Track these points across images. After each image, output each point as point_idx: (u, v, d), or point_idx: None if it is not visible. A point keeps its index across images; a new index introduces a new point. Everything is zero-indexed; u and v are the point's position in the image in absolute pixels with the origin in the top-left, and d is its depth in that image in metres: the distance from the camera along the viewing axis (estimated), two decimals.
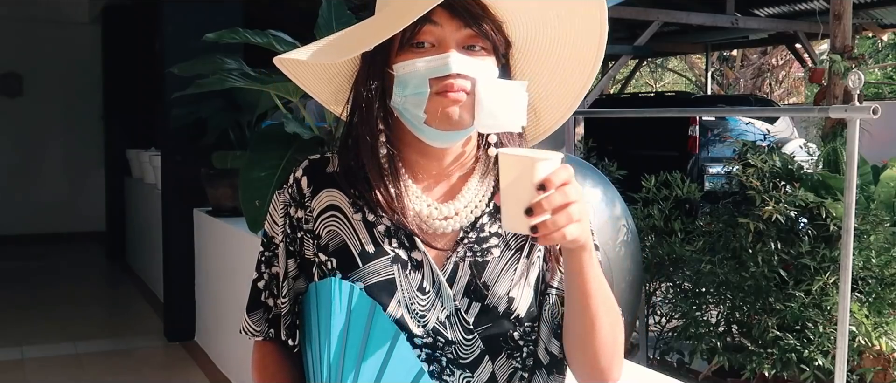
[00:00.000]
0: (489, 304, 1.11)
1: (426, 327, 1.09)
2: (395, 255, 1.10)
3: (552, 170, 0.96)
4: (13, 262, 7.52)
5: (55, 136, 8.87)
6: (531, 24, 1.12)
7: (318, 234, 1.14)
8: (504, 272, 1.12)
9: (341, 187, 1.14)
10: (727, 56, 17.32)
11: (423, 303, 1.09)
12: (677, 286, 4.17)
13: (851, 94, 2.39)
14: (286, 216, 1.17)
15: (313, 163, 1.19)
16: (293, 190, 1.17)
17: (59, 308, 5.84)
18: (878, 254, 3.52)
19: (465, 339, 1.10)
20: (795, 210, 3.60)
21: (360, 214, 1.12)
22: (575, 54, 1.14)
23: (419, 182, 1.14)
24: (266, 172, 2.89)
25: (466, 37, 1.07)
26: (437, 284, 1.10)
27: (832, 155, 3.87)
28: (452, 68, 1.04)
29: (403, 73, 1.07)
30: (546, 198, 0.95)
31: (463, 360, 1.10)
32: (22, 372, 4.37)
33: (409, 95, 1.07)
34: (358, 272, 1.09)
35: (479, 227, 1.13)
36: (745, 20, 9.55)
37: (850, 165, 2.41)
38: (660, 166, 4.87)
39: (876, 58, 15.12)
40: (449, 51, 1.05)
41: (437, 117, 1.06)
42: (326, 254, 1.12)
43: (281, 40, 2.93)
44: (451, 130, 1.07)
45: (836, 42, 4.09)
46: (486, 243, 1.13)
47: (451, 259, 1.11)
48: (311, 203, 1.15)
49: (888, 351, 3.42)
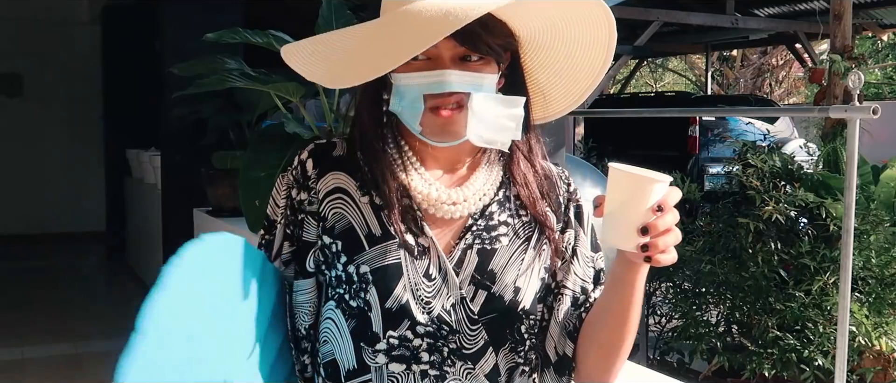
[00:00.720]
0: (495, 293, 1.10)
1: (430, 314, 1.08)
2: (403, 240, 1.09)
3: (666, 191, 0.97)
4: (13, 262, 7.52)
5: (55, 136, 8.86)
6: (537, 27, 1.11)
7: (323, 216, 1.13)
8: (512, 261, 1.12)
9: (348, 170, 1.13)
10: (727, 56, 17.32)
11: (429, 290, 1.09)
12: (677, 286, 4.16)
13: (851, 94, 2.39)
14: (288, 198, 1.16)
15: (319, 146, 1.18)
16: (297, 172, 1.16)
17: (59, 308, 5.84)
18: (878, 254, 3.52)
19: (470, 329, 1.10)
20: (795, 210, 3.60)
21: (367, 197, 1.12)
22: (584, 51, 1.13)
23: (428, 167, 1.13)
24: (266, 172, 2.89)
25: (461, 51, 1.05)
26: (443, 271, 1.09)
27: (832, 155, 3.87)
28: (447, 87, 1.03)
29: (399, 85, 1.07)
30: (662, 220, 0.96)
31: (466, 351, 1.10)
32: (22, 372, 4.36)
33: (404, 107, 1.07)
34: (364, 254, 1.09)
35: (487, 215, 1.13)
36: (745, 20, 9.56)
37: (850, 165, 2.41)
38: (660, 166, 4.85)
39: (876, 58, 15.12)
40: (444, 67, 1.04)
41: (432, 131, 1.07)
42: (332, 236, 1.11)
43: (281, 40, 2.93)
44: (446, 142, 1.08)
45: (836, 42, 4.09)
46: (495, 231, 1.12)
47: (459, 246, 1.11)
48: (317, 185, 1.14)
49: (888, 351, 3.41)
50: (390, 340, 1.09)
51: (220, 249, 1.06)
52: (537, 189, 1.16)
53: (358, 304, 1.10)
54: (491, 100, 1.04)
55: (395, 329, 1.08)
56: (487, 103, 1.03)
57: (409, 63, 1.04)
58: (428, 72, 1.04)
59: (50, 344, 4.82)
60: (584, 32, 1.11)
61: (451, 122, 1.05)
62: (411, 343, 1.08)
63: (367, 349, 1.09)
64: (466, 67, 1.05)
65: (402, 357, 1.09)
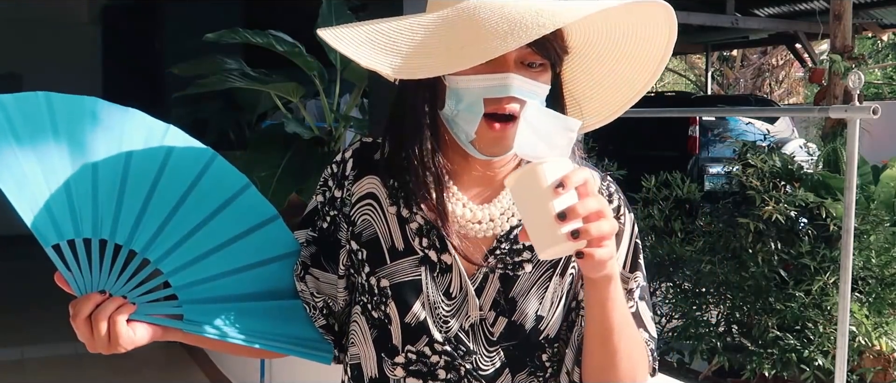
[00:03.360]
0: (516, 321, 1.07)
1: (448, 333, 1.06)
2: (424, 256, 1.06)
3: (565, 171, 0.89)
4: (13, 262, 7.52)
5: None
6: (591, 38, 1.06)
7: (353, 221, 1.11)
8: (534, 289, 1.08)
9: (383, 176, 1.10)
10: (727, 56, 17.32)
11: (447, 309, 1.07)
12: (677, 286, 4.16)
13: (851, 94, 2.39)
14: (326, 189, 1.14)
15: (364, 146, 1.14)
16: (338, 168, 1.13)
17: (59, 308, 5.80)
18: (878, 254, 3.51)
19: (487, 351, 1.07)
20: (795, 210, 3.60)
21: (394, 207, 1.09)
22: (632, 63, 1.07)
23: (461, 182, 1.09)
24: (266, 172, 2.89)
25: (526, 53, 1.00)
26: (464, 291, 1.07)
27: (832, 155, 3.87)
28: (509, 90, 0.98)
29: (458, 87, 1.00)
30: (582, 204, 0.87)
31: (482, 372, 1.07)
32: (22, 372, 4.36)
33: (462, 110, 1.01)
34: (385, 268, 1.07)
35: (512, 238, 1.08)
36: (745, 20, 9.55)
37: (850, 165, 2.41)
38: (660, 166, 4.86)
39: (876, 58, 15.12)
40: (508, 70, 0.98)
41: (486, 142, 1.01)
42: (358, 243, 1.10)
43: (281, 40, 2.93)
44: (494, 155, 1.04)
45: (836, 42, 4.09)
46: (519, 257, 1.08)
47: (482, 269, 1.07)
48: (353, 187, 1.11)
49: (888, 351, 3.41)
50: (409, 355, 1.08)
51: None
52: None
53: (379, 316, 1.09)
54: (545, 112, 0.95)
55: (413, 344, 1.07)
56: (541, 115, 0.95)
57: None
58: (490, 74, 0.98)
59: (50, 344, 4.82)
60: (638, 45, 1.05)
61: (504, 136, 1.00)
62: (429, 359, 1.07)
63: (387, 360, 1.09)
64: (528, 73, 1.00)
65: (420, 372, 1.08)
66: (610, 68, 1.09)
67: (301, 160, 2.85)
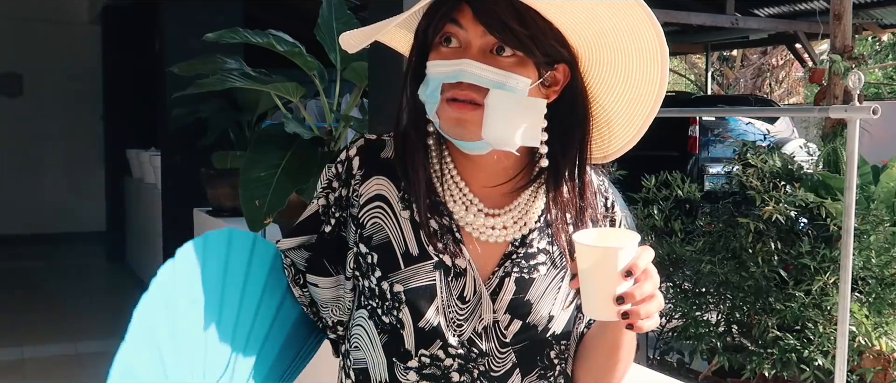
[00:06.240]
0: (530, 323, 1.08)
1: (462, 337, 1.06)
2: (439, 261, 1.06)
3: (634, 255, 0.93)
4: (13, 262, 7.52)
5: (55, 136, 8.86)
6: (588, 37, 1.03)
7: (362, 223, 1.09)
8: (548, 291, 1.09)
9: (393, 177, 1.09)
10: (727, 56, 17.32)
11: (461, 312, 1.06)
12: (677, 286, 4.16)
13: (851, 94, 2.39)
14: (329, 191, 1.12)
15: (369, 144, 1.12)
16: (343, 168, 1.12)
17: (59, 308, 5.84)
18: (878, 254, 3.51)
19: (499, 352, 1.07)
20: (795, 210, 3.60)
21: (408, 212, 1.07)
22: (637, 65, 1.04)
23: (470, 179, 1.09)
24: (266, 172, 2.88)
25: (491, 41, 0.99)
26: (478, 294, 1.06)
27: (832, 155, 3.86)
28: (461, 76, 0.99)
29: (428, 73, 1.02)
30: (639, 288, 0.92)
31: (494, 373, 1.07)
32: (22, 372, 4.37)
33: (427, 96, 1.03)
34: (399, 273, 1.06)
35: (527, 243, 1.09)
36: (745, 20, 9.55)
37: (850, 165, 2.41)
38: (660, 166, 4.86)
39: (876, 58, 15.11)
40: (468, 57, 0.99)
41: (447, 124, 1.02)
42: (368, 246, 1.08)
43: (281, 40, 2.93)
44: (462, 140, 1.03)
45: (836, 42, 4.09)
46: (534, 260, 1.09)
47: (498, 273, 1.07)
48: (360, 188, 1.10)
49: (888, 351, 3.41)
50: (422, 358, 1.07)
51: (223, 245, 1.06)
52: (572, 213, 1.10)
53: (391, 321, 1.08)
54: (510, 98, 0.98)
55: (427, 348, 1.07)
56: (503, 102, 0.97)
57: (440, 51, 1.01)
58: (450, 60, 1.00)
59: (50, 344, 4.82)
60: (633, 40, 1.01)
61: (464, 119, 0.99)
62: (443, 362, 1.07)
63: (400, 365, 1.08)
64: (493, 62, 0.99)
65: (433, 375, 1.07)
66: (624, 75, 1.07)
67: (301, 160, 2.85)
